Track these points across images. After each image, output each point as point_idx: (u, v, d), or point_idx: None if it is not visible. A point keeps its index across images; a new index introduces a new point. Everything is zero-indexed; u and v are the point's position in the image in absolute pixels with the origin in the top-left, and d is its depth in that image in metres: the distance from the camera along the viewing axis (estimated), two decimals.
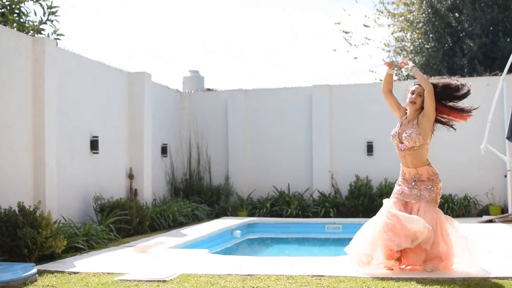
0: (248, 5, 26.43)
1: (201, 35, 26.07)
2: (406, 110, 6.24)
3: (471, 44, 15.85)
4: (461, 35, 16.74)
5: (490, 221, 10.86)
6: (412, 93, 6.10)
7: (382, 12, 19.12)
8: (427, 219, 5.81)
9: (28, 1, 9.89)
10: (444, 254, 5.85)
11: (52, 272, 6.24)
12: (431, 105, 5.98)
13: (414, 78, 6.29)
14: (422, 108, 6.10)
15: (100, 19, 24.61)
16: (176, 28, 26.34)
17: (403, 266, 6.00)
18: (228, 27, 26.51)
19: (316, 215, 12.56)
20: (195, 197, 13.20)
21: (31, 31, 9.87)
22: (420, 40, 17.34)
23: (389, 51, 19.03)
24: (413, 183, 6.09)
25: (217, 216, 12.90)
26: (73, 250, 7.76)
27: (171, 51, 26.43)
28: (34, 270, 5.90)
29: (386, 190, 12.12)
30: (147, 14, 25.31)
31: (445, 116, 6.24)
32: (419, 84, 6.11)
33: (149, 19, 25.59)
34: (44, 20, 9.96)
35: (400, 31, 18.55)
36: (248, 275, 5.84)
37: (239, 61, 27.25)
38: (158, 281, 5.62)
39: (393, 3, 18.83)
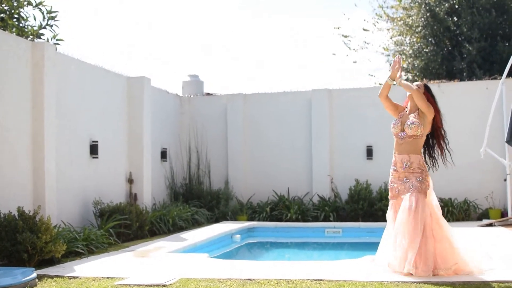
0: (247, 10, 26.48)
1: (201, 40, 26.12)
2: (406, 107, 6.50)
3: (470, 48, 15.88)
4: (459, 39, 16.76)
5: (490, 224, 10.85)
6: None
7: (381, 16, 19.13)
8: (420, 210, 5.93)
9: (27, 6, 9.91)
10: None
11: (51, 277, 6.24)
12: (422, 104, 6.19)
13: (414, 81, 6.53)
14: None
15: (99, 24, 24.64)
16: (175, 33, 26.38)
17: None
18: (227, 32, 26.56)
19: (315, 219, 12.55)
20: (195, 201, 13.19)
21: (30, 36, 9.88)
22: (419, 44, 17.35)
23: (388, 55, 19.03)
24: (405, 178, 6.20)
25: (217, 220, 12.89)
26: (72, 254, 7.75)
27: (171, 55, 26.47)
28: (34, 275, 5.90)
29: (386, 194, 12.11)
30: (146, 19, 25.35)
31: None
32: (420, 82, 6.56)
33: (148, 23, 25.63)
34: (43, 25, 9.99)
35: (399, 35, 18.55)
36: (248, 279, 5.84)
37: (239, 65, 27.29)
38: (158, 285, 5.62)
39: (392, 7, 18.84)
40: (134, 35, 25.35)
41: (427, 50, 17.01)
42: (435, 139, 6.47)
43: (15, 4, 9.73)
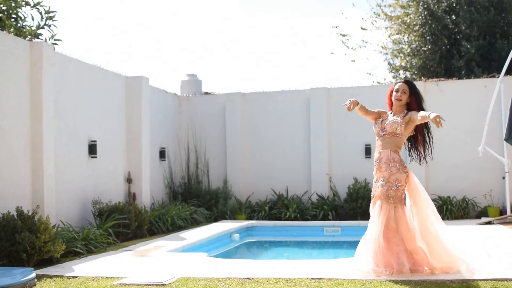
0: (245, 9, 26.48)
1: (199, 39, 26.12)
2: (388, 111, 6.48)
3: (468, 46, 15.88)
4: (458, 37, 16.77)
5: (489, 223, 10.87)
6: (397, 91, 6.32)
7: (379, 15, 19.14)
8: (398, 224, 6.02)
9: (25, 6, 9.90)
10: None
11: (51, 277, 6.24)
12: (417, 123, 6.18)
13: (412, 79, 6.48)
14: (406, 104, 6.32)
15: (97, 24, 24.64)
16: (174, 32, 26.37)
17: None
18: (226, 31, 26.55)
19: (314, 218, 12.56)
20: (194, 200, 13.19)
21: (28, 36, 9.87)
22: (417, 43, 17.35)
23: (387, 53, 19.04)
24: (382, 178, 6.17)
25: (216, 219, 12.89)
26: (71, 254, 7.76)
27: (169, 55, 26.46)
28: (33, 275, 5.90)
29: None
30: (144, 18, 25.35)
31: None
32: (402, 82, 6.36)
33: (146, 23, 25.61)
34: (41, 25, 9.98)
35: (397, 33, 18.56)
36: (247, 278, 5.84)
37: (237, 64, 27.29)
38: (157, 285, 5.62)
39: (390, 5, 18.85)
40: (132, 35, 25.37)
41: (425, 49, 17.02)
42: (419, 137, 6.40)
43: (13, 4, 9.72)
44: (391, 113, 6.42)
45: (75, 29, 22.56)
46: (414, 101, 6.29)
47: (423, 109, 6.27)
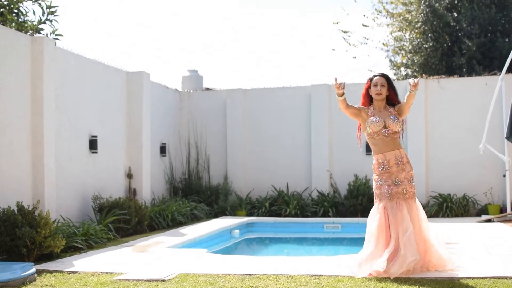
0: (247, 4, 26.44)
1: (200, 35, 26.07)
2: (369, 105, 6.38)
3: (470, 43, 15.85)
4: (459, 34, 16.73)
5: (489, 220, 10.87)
6: (376, 85, 6.21)
7: (380, 12, 19.09)
8: (412, 217, 5.93)
9: (27, 1, 9.89)
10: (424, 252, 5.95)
11: (51, 272, 6.24)
12: (408, 110, 6.19)
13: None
14: (386, 97, 6.25)
15: (99, 19, 24.61)
16: (175, 28, 26.33)
17: None
18: (227, 26, 26.51)
19: (315, 214, 12.56)
20: (194, 196, 13.19)
21: (30, 31, 9.86)
22: (418, 40, 17.32)
23: (388, 50, 19.01)
24: (396, 178, 6.05)
25: (216, 215, 12.90)
26: (72, 249, 7.76)
27: (170, 50, 26.42)
28: (33, 270, 5.90)
29: None
30: (146, 14, 25.30)
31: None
32: (379, 76, 6.24)
33: (148, 18, 25.58)
34: (43, 20, 9.96)
35: (399, 30, 18.52)
36: (247, 274, 5.84)
37: (238, 60, 27.24)
38: (157, 280, 5.63)
39: (391, 2, 18.80)
40: (133, 30, 25.34)
41: (426, 46, 16.99)
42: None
43: None
44: (372, 109, 6.28)
45: (76, 24, 22.55)
46: (393, 93, 6.25)
47: (399, 100, 6.27)
